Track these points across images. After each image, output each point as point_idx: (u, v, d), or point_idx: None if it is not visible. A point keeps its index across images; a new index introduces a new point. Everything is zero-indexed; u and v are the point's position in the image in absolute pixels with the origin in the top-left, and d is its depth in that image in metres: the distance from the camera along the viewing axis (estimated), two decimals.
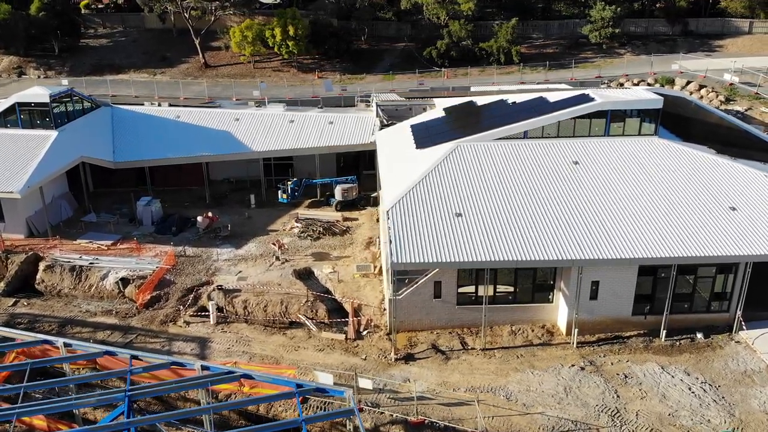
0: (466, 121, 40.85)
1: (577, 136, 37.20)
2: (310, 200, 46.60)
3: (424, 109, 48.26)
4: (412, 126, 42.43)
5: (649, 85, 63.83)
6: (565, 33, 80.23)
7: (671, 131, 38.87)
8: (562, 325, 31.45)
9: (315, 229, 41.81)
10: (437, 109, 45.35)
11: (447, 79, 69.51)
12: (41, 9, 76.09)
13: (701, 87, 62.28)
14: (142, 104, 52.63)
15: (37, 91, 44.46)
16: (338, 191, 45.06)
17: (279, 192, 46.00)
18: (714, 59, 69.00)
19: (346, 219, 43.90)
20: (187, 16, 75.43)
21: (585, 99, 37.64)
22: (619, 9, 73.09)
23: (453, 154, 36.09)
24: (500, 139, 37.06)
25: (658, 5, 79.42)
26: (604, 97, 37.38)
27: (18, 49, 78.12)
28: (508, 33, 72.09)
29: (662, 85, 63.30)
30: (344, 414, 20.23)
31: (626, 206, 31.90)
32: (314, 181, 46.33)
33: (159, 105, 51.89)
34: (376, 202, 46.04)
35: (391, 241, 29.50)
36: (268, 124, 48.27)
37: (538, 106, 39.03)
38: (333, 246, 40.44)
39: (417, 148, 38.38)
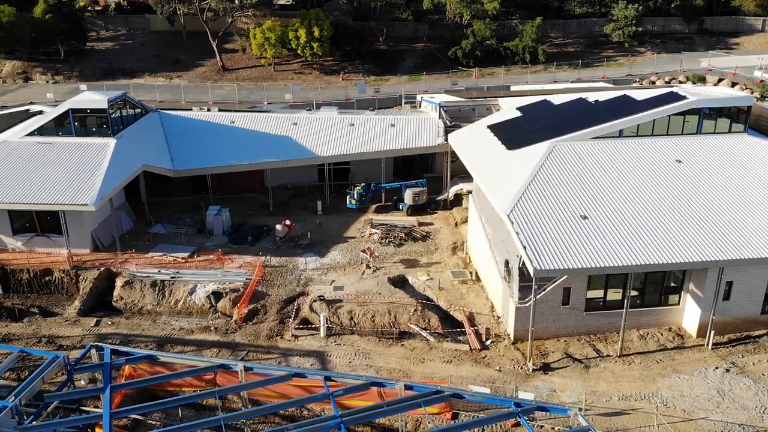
0: (549, 120, 39.98)
1: (671, 135, 36.80)
2: (376, 205, 45.21)
3: (488, 110, 47.38)
4: (489, 127, 41.40)
5: (680, 82, 64.27)
6: (584, 32, 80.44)
7: None
8: (689, 326, 30.89)
9: (396, 235, 40.51)
10: (508, 110, 44.42)
11: (476, 78, 68.91)
12: (47, 11, 72.67)
13: (733, 84, 62.88)
14: (190, 109, 50.44)
15: (93, 97, 42.04)
16: (408, 195, 43.78)
17: (347, 198, 44.47)
18: (740, 56, 69.94)
19: (421, 224, 42.71)
20: (203, 18, 73.06)
21: (676, 97, 37.20)
22: (640, 8, 73.53)
23: (552, 154, 35.18)
24: (596, 138, 36.41)
25: (674, 4, 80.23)
26: (695, 95, 37.04)
27: (22, 53, 74.58)
28: (533, 32, 71.82)
29: (694, 83, 63.77)
30: None
31: (744, 204, 31.45)
32: (382, 185, 44.91)
33: (209, 110, 49.73)
34: (446, 205, 44.99)
35: (525, 247, 28.47)
36: (328, 128, 46.60)
37: (626, 105, 38.48)
38: (418, 252, 39.21)
39: (508, 149, 37.37)
